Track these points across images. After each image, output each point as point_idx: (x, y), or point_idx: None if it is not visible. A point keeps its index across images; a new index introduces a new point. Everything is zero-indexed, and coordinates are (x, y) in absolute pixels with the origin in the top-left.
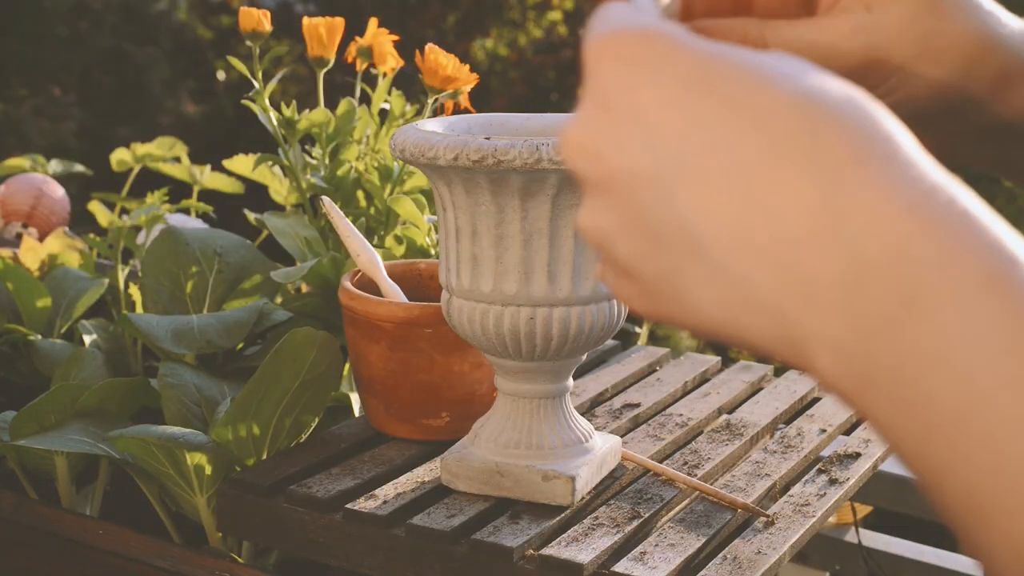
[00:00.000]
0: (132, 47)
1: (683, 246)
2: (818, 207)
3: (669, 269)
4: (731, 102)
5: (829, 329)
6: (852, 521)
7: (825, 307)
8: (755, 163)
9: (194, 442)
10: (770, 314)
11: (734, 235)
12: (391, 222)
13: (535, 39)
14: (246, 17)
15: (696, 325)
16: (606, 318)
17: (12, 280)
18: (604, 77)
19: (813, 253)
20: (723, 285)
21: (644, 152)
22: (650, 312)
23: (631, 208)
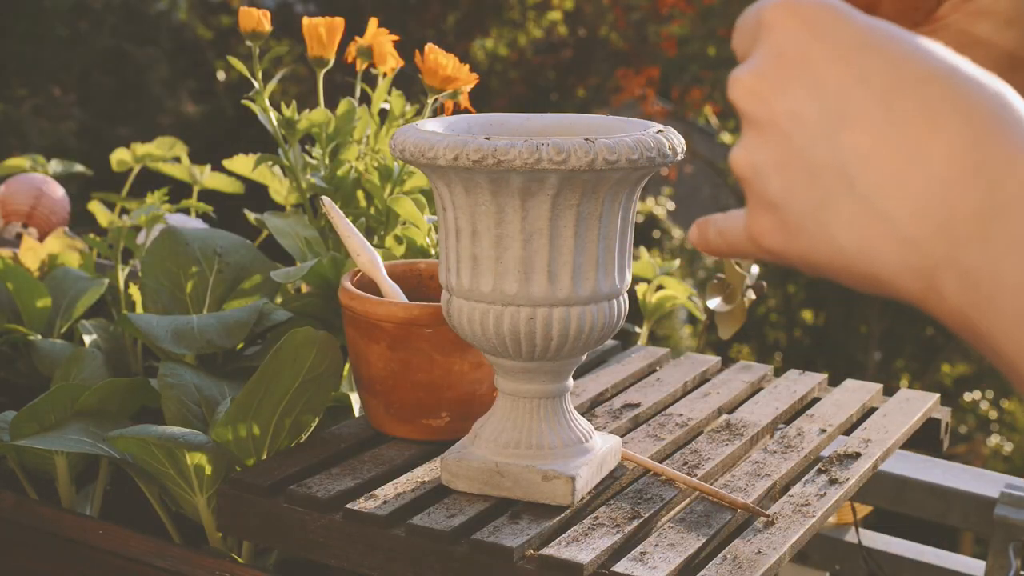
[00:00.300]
0: (132, 47)
1: (836, 182)
2: (964, 155)
3: (816, 203)
4: (894, 64)
5: (961, 256)
6: (852, 521)
7: (960, 237)
8: (913, 116)
9: (194, 442)
10: (905, 245)
11: (886, 174)
12: (391, 222)
13: (535, 39)
14: (246, 17)
15: (828, 257)
16: (606, 318)
17: (12, 280)
18: (781, 33)
19: (956, 192)
20: (867, 218)
21: (811, 99)
22: (782, 246)
23: (790, 146)
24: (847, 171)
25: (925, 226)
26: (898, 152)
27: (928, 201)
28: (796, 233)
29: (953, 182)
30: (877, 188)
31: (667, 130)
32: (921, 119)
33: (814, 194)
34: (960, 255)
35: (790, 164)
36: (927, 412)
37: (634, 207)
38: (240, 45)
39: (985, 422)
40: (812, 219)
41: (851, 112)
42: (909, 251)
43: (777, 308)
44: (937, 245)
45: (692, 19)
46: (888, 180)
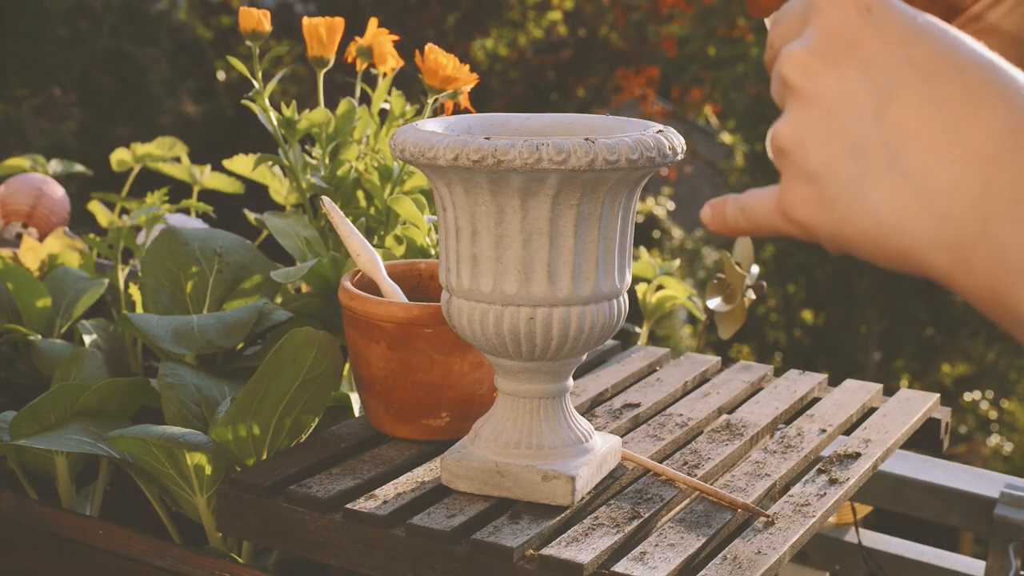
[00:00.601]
0: (132, 47)
1: (878, 157)
2: (1002, 136)
3: (856, 177)
4: (938, 51)
5: (994, 231)
6: (852, 521)
7: (994, 213)
8: (955, 99)
9: (194, 442)
10: (941, 219)
11: (928, 151)
12: (391, 222)
13: (535, 39)
14: (246, 17)
15: (862, 230)
16: (606, 318)
17: (12, 280)
18: (834, 16)
19: (992, 170)
20: (906, 192)
21: (860, 78)
22: (815, 219)
23: (836, 121)
24: (890, 147)
25: (962, 201)
26: (940, 131)
27: (966, 178)
28: (831, 206)
29: (990, 161)
30: (918, 164)
31: (667, 130)
32: (963, 102)
33: (855, 168)
34: (993, 230)
35: (834, 138)
36: (927, 412)
37: (634, 207)
38: (240, 45)
39: (985, 422)
40: (850, 192)
41: (897, 92)
42: (944, 225)
43: (777, 308)
44: (972, 220)
45: (692, 19)
46: (929, 157)
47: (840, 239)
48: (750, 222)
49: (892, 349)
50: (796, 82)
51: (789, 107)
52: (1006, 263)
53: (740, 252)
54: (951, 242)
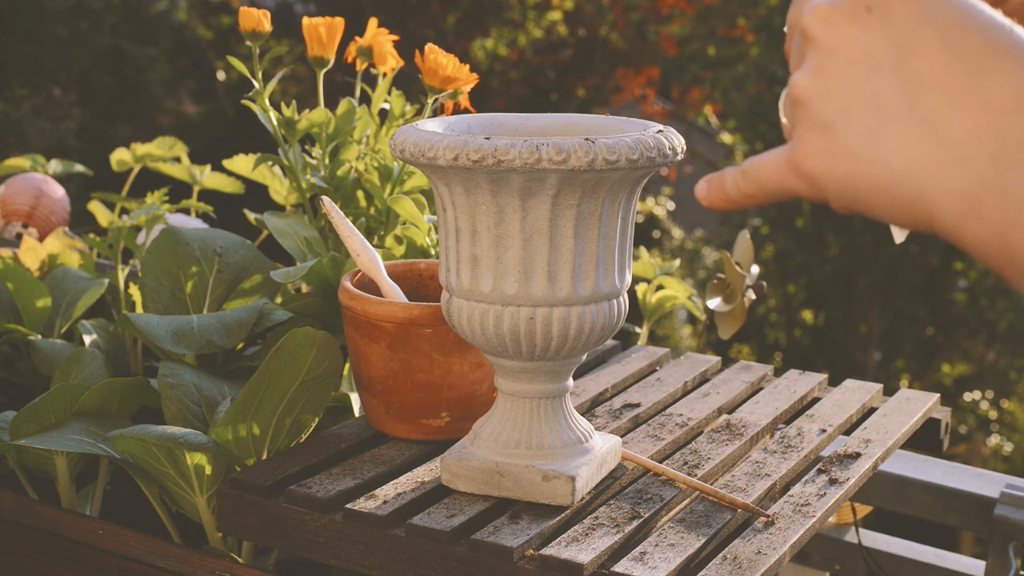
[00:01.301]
0: (132, 47)
1: (896, 106)
2: (1020, 89)
3: (873, 124)
4: (961, 10)
5: (1007, 179)
6: (852, 521)
7: (1008, 162)
8: (975, 52)
9: (194, 442)
10: (955, 167)
11: (946, 100)
12: (391, 222)
13: (535, 39)
14: (246, 17)
15: (875, 178)
16: (606, 318)
17: (12, 280)
18: None
19: (1009, 121)
20: (922, 139)
21: (881, 29)
22: (826, 167)
23: (855, 71)
24: (908, 96)
25: (977, 150)
26: (959, 81)
27: (982, 128)
28: (844, 154)
29: (1007, 112)
30: (935, 112)
31: (667, 130)
32: (982, 55)
33: (871, 116)
34: (1006, 178)
35: (852, 88)
36: (927, 412)
37: (634, 207)
38: (240, 45)
39: (985, 422)
40: (865, 141)
41: (917, 45)
42: (958, 172)
43: (777, 308)
44: (986, 168)
45: (692, 19)
46: (947, 105)
47: (850, 191)
48: (755, 185)
49: (892, 349)
50: (817, 34)
51: (808, 59)
52: (1017, 212)
53: (740, 252)
54: (964, 189)
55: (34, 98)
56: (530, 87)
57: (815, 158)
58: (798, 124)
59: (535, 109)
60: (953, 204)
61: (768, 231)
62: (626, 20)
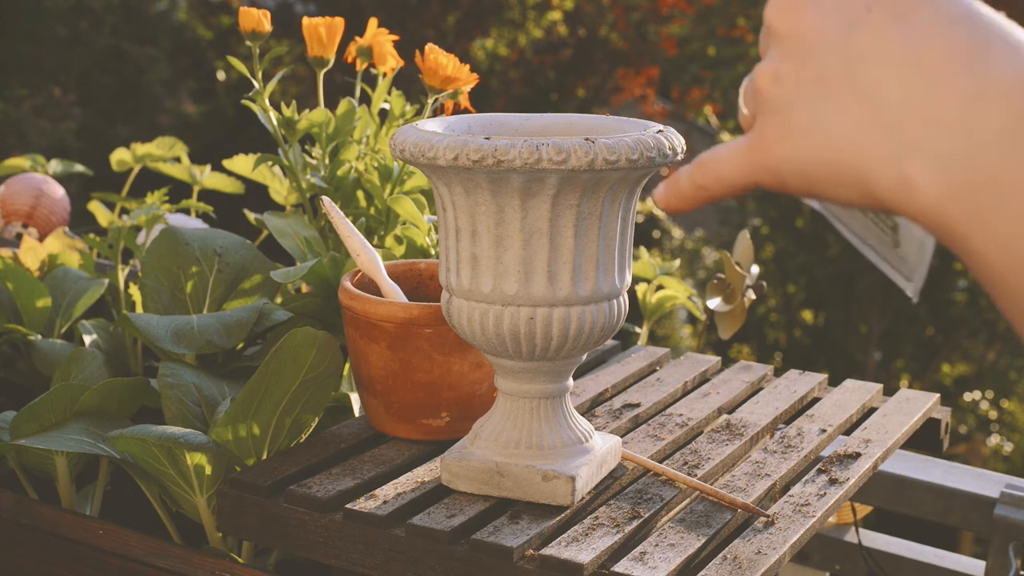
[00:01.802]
0: (132, 47)
1: (839, 79)
2: (957, 52)
3: (819, 99)
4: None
5: (943, 144)
6: (852, 521)
7: (944, 125)
8: (919, 24)
9: (194, 442)
10: (888, 132)
11: (885, 67)
12: (391, 222)
13: (535, 39)
14: (246, 17)
15: (820, 152)
16: (606, 318)
17: (12, 280)
18: None
19: (944, 83)
20: (860, 107)
21: (835, 10)
22: (782, 150)
23: (810, 54)
24: (850, 68)
25: (910, 114)
26: (899, 51)
27: (916, 91)
28: (794, 133)
29: (943, 75)
30: (873, 80)
31: (667, 130)
32: (926, 26)
33: (819, 91)
34: (941, 145)
35: (806, 68)
36: (927, 412)
37: (634, 207)
38: (240, 45)
39: (985, 422)
40: (813, 116)
41: (865, 20)
42: (891, 137)
43: (777, 308)
44: (917, 131)
45: (692, 19)
46: (884, 73)
47: (801, 170)
48: (712, 176)
49: (892, 349)
50: (778, 25)
51: (770, 51)
52: (949, 179)
53: (740, 252)
54: (897, 155)
55: (34, 98)
56: (530, 87)
57: (771, 142)
58: (758, 113)
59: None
60: (888, 170)
61: (768, 231)
62: (626, 20)
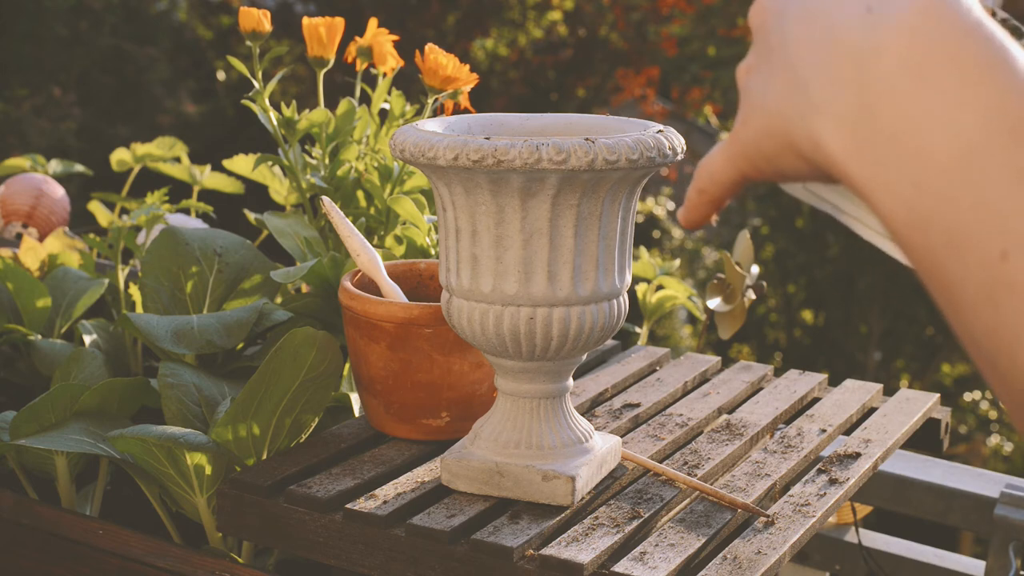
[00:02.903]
0: (132, 47)
1: (781, 59)
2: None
3: (766, 79)
4: None
5: (841, 101)
6: (852, 521)
7: (840, 81)
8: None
9: (194, 442)
10: (802, 93)
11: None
12: (391, 222)
13: (535, 39)
14: (246, 17)
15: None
16: (606, 318)
17: (12, 280)
18: None
19: (840, 35)
20: (786, 74)
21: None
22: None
23: (763, 41)
24: (783, 42)
25: (814, 72)
26: (811, 7)
27: (818, 47)
28: (751, 114)
29: (840, 28)
30: (792, 45)
31: (667, 130)
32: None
33: (766, 71)
34: (837, 101)
35: (760, 55)
36: (927, 412)
37: (634, 207)
38: (240, 45)
39: (985, 422)
40: (762, 94)
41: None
42: (802, 98)
43: (777, 308)
44: (821, 89)
45: (692, 19)
46: (798, 34)
47: (760, 149)
48: (707, 179)
49: (892, 349)
50: (754, 23)
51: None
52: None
53: (740, 252)
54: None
55: (34, 98)
56: (530, 87)
57: (739, 128)
58: (740, 107)
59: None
60: (803, 135)
61: (768, 231)
62: (626, 20)
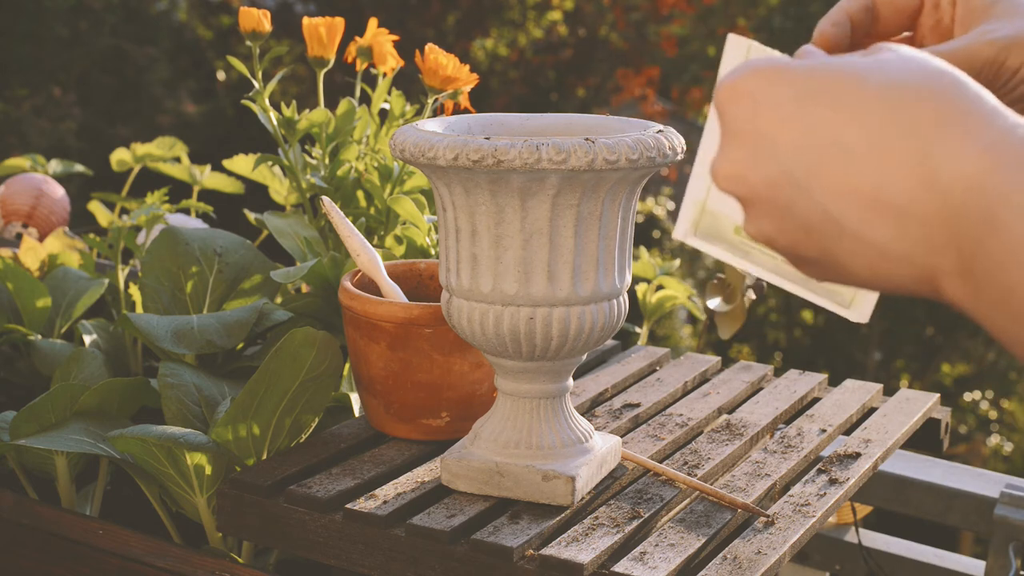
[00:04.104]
0: (132, 47)
1: (828, 228)
2: (916, 171)
3: (821, 249)
4: (832, 105)
5: (946, 263)
6: (852, 521)
7: (938, 247)
8: (863, 149)
9: (194, 442)
10: (903, 264)
11: (861, 209)
12: (391, 222)
13: (535, 39)
14: (246, 17)
15: (861, 285)
16: (606, 318)
17: (12, 280)
18: (730, 115)
19: (919, 208)
20: (864, 249)
21: (775, 163)
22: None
23: (778, 210)
24: (831, 215)
25: (910, 245)
26: (863, 185)
27: (901, 223)
28: (824, 270)
29: (914, 200)
30: (859, 223)
31: (667, 130)
32: (871, 148)
33: (816, 241)
34: (946, 264)
35: (786, 224)
36: (927, 412)
37: (634, 207)
38: (240, 45)
39: (985, 422)
40: (826, 260)
41: (812, 162)
42: (907, 268)
43: (777, 308)
44: (926, 258)
45: (692, 19)
46: (865, 213)
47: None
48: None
49: (892, 349)
50: (731, 192)
51: (744, 212)
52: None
53: None
54: (921, 279)
55: (34, 98)
56: (530, 87)
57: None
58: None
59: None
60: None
61: None
62: (626, 20)
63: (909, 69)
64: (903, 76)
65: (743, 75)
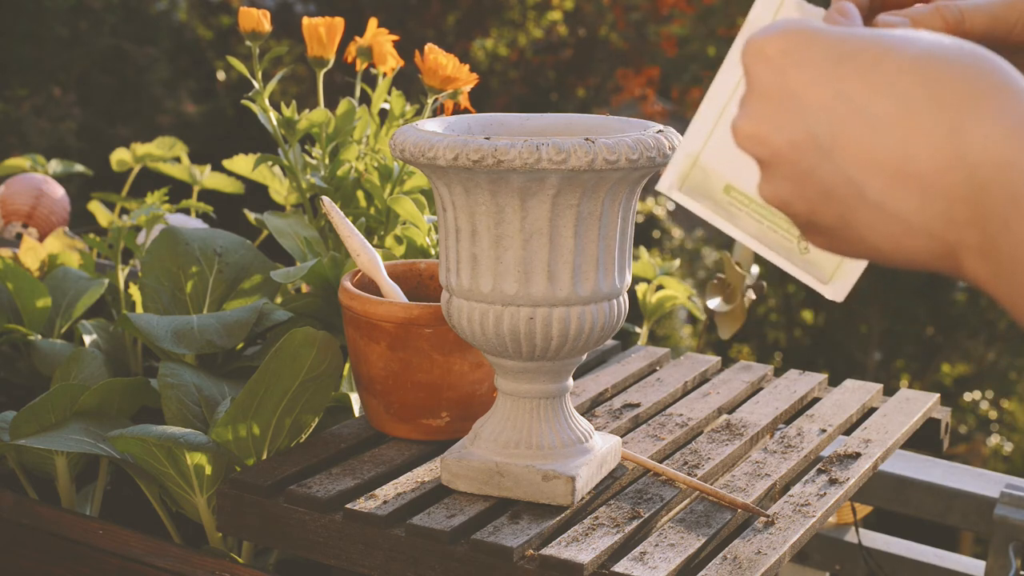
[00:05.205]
0: (132, 47)
1: (848, 194)
2: (944, 145)
3: (839, 216)
4: (864, 72)
5: (969, 239)
6: (852, 521)
7: (961, 223)
8: (893, 118)
9: (194, 442)
10: (924, 237)
11: (886, 178)
12: (391, 222)
13: (535, 39)
14: (246, 17)
15: (869, 255)
16: (606, 318)
17: (12, 280)
18: (758, 72)
19: (945, 182)
20: (884, 220)
21: (801, 125)
22: (842, 253)
23: (799, 173)
24: (854, 182)
25: (932, 218)
26: (889, 155)
27: (926, 196)
28: (840, 242)
29: (941, 173)
30: (882, 192)
31: (667, 130)
32: (900, 118)
33: (835, 209)
34: (968, 240)
35: (806, 188)
36: (927, 412)
37: (634, 207)
38: (240, 45)
39: (985, 422)
40: (844, 230)
41: (838, 128)
42: (927, 241)
43: (777, 308)
44: (947, 232)
45: (692, 19)
46: (889, 183)
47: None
48: None
49: (892, 349)
50: (751, 152)
51: (761, 172)
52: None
53: (740, 252)
54: (940, 254)
55: (34, 98)
56: (530, 87)
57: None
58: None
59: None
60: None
61: None
62: (626, 20)
63: (942, 43)
64: (936, 49)
65: (774, 34)
